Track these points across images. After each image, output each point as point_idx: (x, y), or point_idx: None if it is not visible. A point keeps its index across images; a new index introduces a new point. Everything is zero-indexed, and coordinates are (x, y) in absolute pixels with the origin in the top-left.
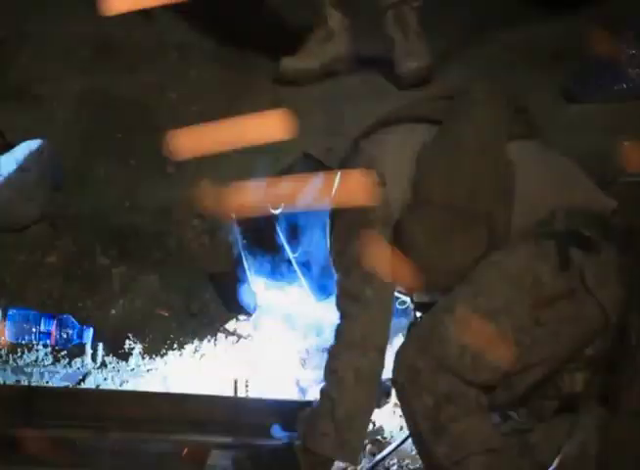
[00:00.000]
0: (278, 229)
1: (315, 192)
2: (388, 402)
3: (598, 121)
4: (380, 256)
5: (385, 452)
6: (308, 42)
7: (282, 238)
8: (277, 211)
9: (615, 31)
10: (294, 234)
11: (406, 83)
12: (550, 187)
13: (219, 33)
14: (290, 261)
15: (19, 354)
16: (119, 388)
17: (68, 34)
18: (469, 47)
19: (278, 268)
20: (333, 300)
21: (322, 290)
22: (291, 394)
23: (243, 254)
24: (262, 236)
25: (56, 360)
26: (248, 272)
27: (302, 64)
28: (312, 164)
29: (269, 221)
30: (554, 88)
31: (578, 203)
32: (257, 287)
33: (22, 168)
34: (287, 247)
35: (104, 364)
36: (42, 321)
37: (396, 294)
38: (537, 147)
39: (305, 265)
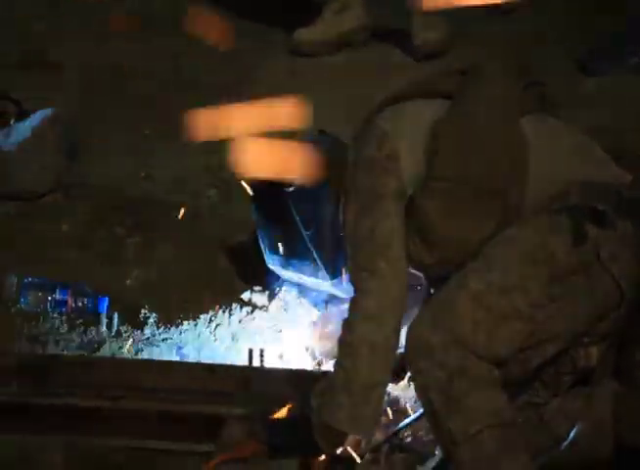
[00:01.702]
0: (291, 206)
1: None
2: (403, 376)
3: (614, 95)
4: (393, 229)
5: (400, 425)
6: (324, 13)
7: (295, 215)
8: (290, 189)
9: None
10: (306, 210)
11: (422, 55)
12: (564, 161)
13: (234, 3)
14: (303, 238)
15: (34, 323)
16: (134, 357)
17: (83, 3)
18: (484, 20)
19: (292, 245)
20: (346, 276)
21: (335, 266)
22: (306, 364)
23: (257, 230)
24: (276, 213)
25: (71, 329)
26: (262, 248)
27: (318, 35)
28: (328, 140)
29: (282, 198)
30: (570, 62)
31: (593, 177)
32: (272, 263)
33: (37, 136)
34: (300, 223)
35: (119, 333)
36: (57, 290)
37: (410, 269)
38: (551, 121)
39: (319, 242)
